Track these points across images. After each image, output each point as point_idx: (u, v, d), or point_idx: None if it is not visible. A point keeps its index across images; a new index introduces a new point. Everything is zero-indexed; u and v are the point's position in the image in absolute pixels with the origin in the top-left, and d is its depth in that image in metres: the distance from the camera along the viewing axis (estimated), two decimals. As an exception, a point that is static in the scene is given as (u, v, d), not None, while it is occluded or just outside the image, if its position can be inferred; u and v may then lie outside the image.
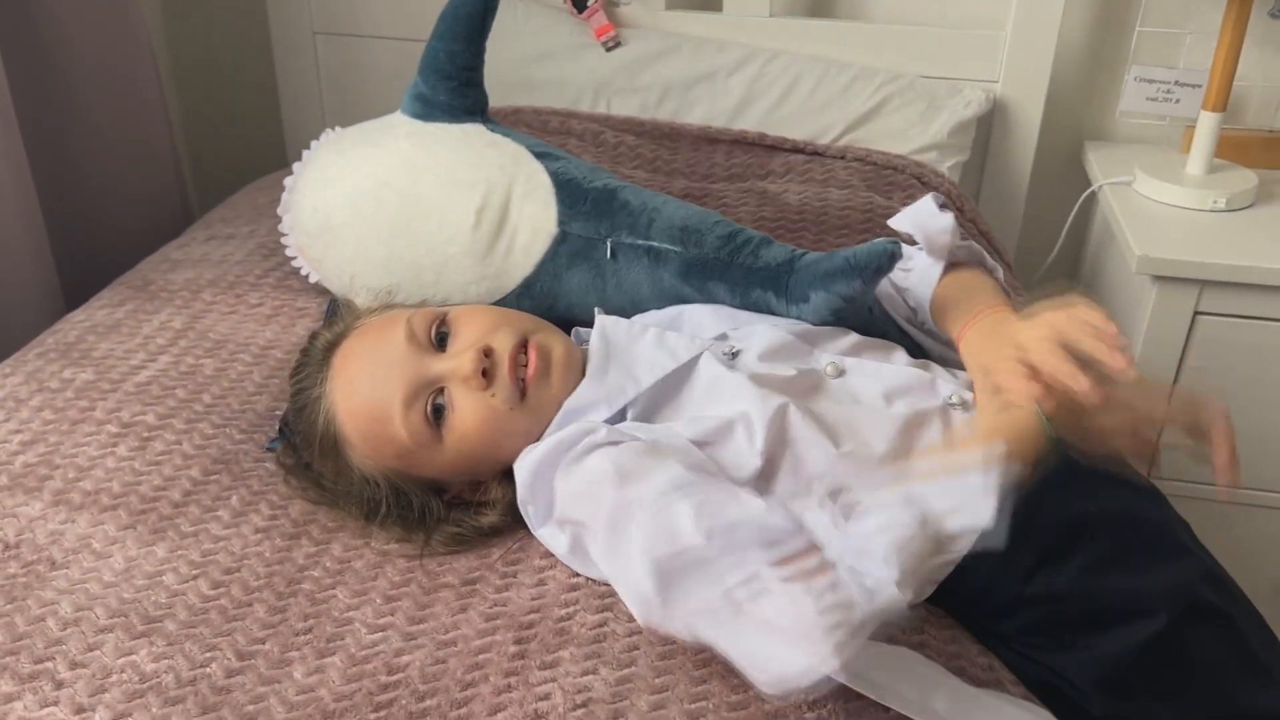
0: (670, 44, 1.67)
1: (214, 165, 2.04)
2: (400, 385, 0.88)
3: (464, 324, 0.93)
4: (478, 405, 0.88)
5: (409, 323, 0.92)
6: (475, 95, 1.15)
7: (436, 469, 0.91)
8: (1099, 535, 0.85)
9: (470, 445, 0.89)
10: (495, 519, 0.91)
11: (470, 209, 1.09)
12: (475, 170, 1.10)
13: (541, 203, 1.08)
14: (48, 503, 0.94)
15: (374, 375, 0.90)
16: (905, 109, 1.61)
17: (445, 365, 0.89)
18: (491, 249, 1.09)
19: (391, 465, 0.90)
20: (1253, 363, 1.42)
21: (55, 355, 1.15)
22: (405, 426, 0.88)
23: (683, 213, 1.07)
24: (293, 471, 0.96)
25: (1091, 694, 0.82)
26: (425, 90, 1.14)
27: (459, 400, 0.88)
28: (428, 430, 0.88)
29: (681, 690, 0.77)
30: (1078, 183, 1.71)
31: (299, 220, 1.18)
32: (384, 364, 0.90)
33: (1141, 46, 1.65)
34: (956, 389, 0.92)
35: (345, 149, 1.17)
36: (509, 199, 1.09)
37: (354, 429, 0.90)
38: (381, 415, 0.89)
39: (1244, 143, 1.64)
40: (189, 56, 1.99)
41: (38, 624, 0.82)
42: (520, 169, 1.10)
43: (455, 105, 1.14)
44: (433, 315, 0.93)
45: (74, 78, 1.48)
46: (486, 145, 1.12)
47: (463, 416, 0.88)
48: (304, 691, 0.77)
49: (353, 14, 1.82)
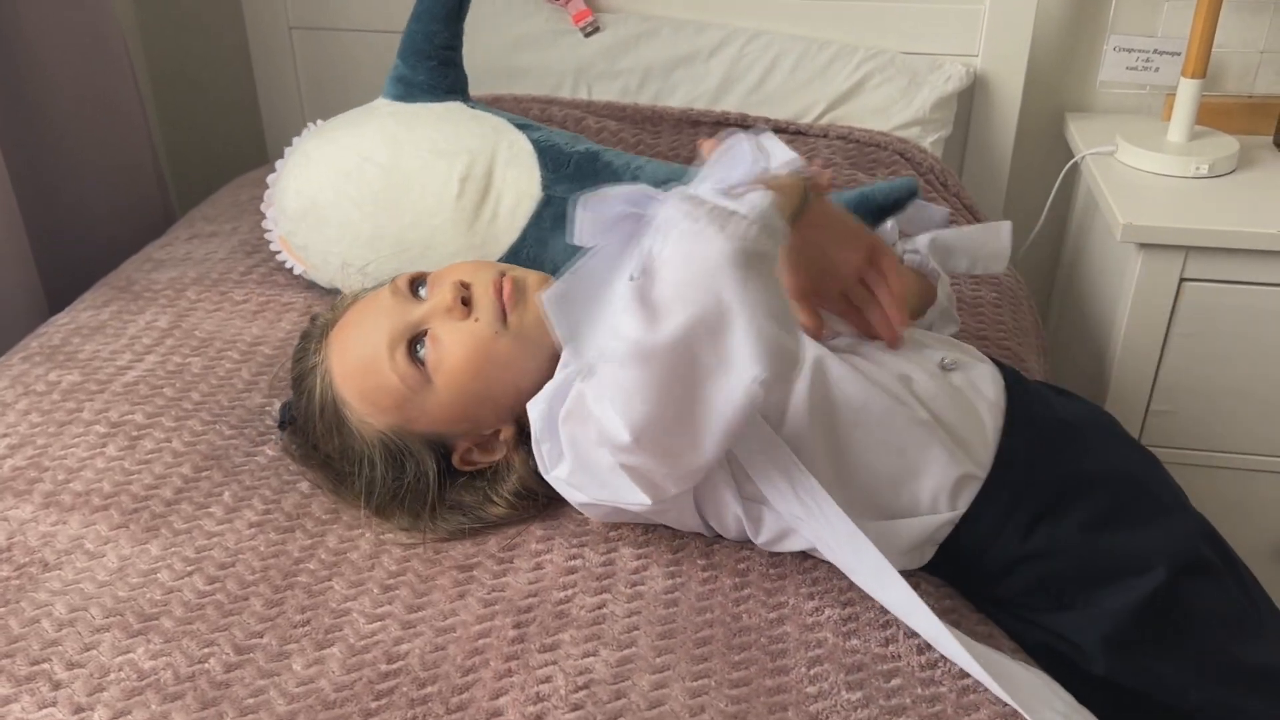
0: (649, 27, 1.66)
1: (193, 166, 2.03)
2: (385, 332, 0.89)
3: (443, 273, 0.95)
4: (461, 333, 0.89)
5: (393, 281, 0.94)
6: (455, 75, 1.16)
7: (436, 418, 0.90)
8: (1096, 492, 0.86)
9: (463, 378, 0.88)
10: (503, 507, 0.90)
11: (454, 177, 1.09)
12: (457, 141, 1.10)
13: (524, 168, 1.09)
14: (38, 505, 0.93)
15: (361, 333, 0.91)
16: (886, 85, 1.61)
17: (426, 306, 0.91)
18: (476, 216, 1.09)
19: (391, 421, 0.90)
20: (1240, 327, 1.43)
21: (40, 358, 1.15)
22: (394, 370, 0.88)
23: (665, 169, 1.08)
24: (296, 455, 0.97)
25: (1094, 652, 0.82)
26: (405, 71, 1.15)
27: (442, 333, 0.89)
28: (416, 372, 0.88)
29: (683, 669, 0.77)
30: (1060, 154, 1.71)
31: (282, 207, 1.18)
32: (370, 320, 0.92)
33: (1120, 16, 1.65)
34: (946, 351, 0.92)
35: (327, 134, 1.17)
36: (492, 166, 1.09)
37: (350, 388, 0.90)
38: (372, 366, 0.89)
39: (1224, 109, 1.65)
40: (164, 56, 1.97)
41: (32, 625, 0.81)
42: (502, 138, 1.11)
43: (435, 85, 1.14)
44: (414, 274, 0.96)
45: (51, 87, 1.47)
46: (468, 119, 1.13)
47: (449, 348, 0.88)
48: (304, 683, 0.76)
49: (329, 8, 1.80)
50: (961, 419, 0.87)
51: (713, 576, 0.86)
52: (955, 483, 0.85)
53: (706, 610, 0.83)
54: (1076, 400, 0.99)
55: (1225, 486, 1.52)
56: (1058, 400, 0.96)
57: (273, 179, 1.20)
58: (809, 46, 1.63)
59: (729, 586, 0.85)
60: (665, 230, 0.73)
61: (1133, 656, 0.83)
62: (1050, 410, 0.92)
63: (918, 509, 0.85)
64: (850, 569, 0.82)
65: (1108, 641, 0.83)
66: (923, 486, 0.85)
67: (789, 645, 0.79)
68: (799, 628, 0.81)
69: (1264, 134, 1.64)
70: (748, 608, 0.83)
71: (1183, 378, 1.47)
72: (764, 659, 0.78)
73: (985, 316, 1.26)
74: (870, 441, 0.85)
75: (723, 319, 0.71)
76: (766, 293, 0.72)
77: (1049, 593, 0.85)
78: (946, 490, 0.85)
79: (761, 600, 0.84)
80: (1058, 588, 0.84)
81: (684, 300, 0.71)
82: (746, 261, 0.71)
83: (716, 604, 0.83)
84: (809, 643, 0.80)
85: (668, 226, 0.73)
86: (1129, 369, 1.48)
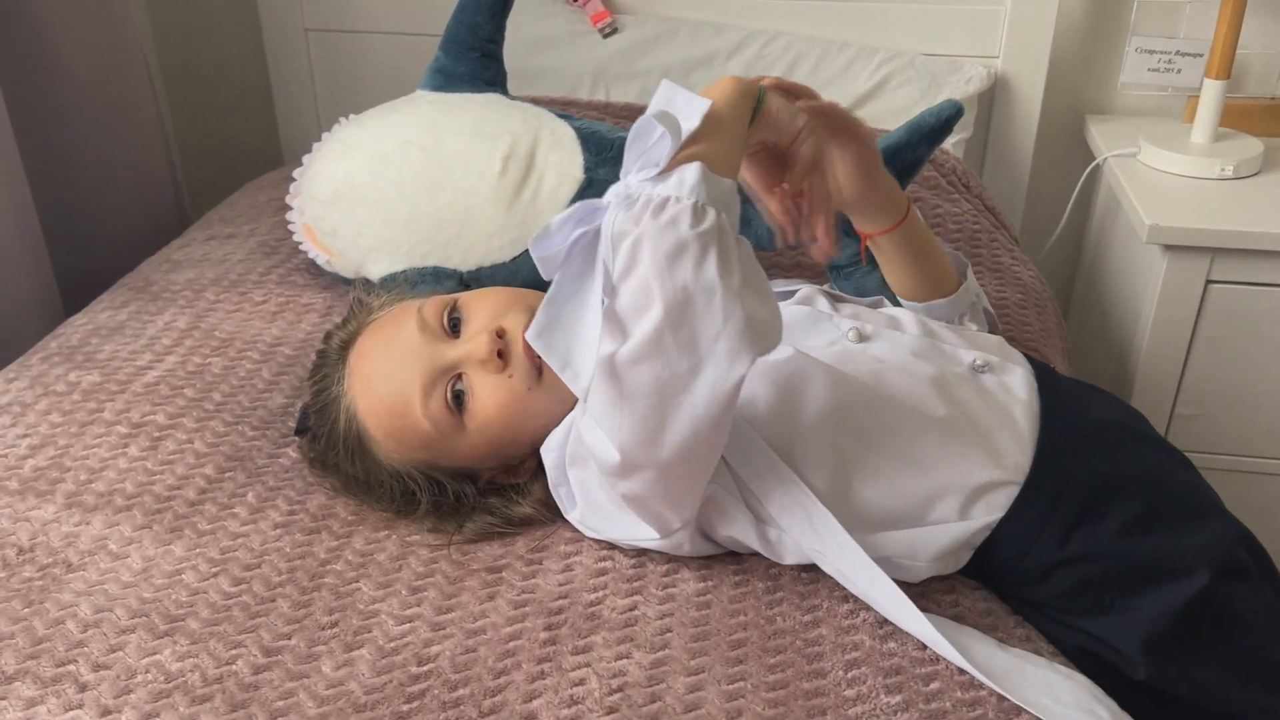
0: (667, 28, 1.66)
1: (208, 167, 2.02)
2: (418, 375, 0.87)
3: (475, 307, 0.91)
4: (496, 387, 0.87)
5: (420, 312, 0.90)
6: (495, 68, 1.17)
7: (463, 457, 0.89)
8: (1134, 496, 0.84)
9: (494, 429, 0.87)
10: (529, 508, 0.89)
11: (496, 156, 1.09)
12: (499, 124, 1.11)
13: (567, 150, 1.09)
14: (60, 505, 0.92)
15: (390, 369, 0.88)
16: (906, 87, 1.60)
17: (460, 350, 0.88)
18: (517, 196, 1.08)
19: (419, 457, 0.88)
20: (1267, 330, 1.41)
21: (59, 359, 1.14)
22: (427, 416, 0.86)
23: None
24: (316, 466, 0.95)
25: (1136, 657, 0.81)
26: (446, 63, 1.16)
27: (477, 384, 0.87)
28: (450, 418, 0.87)
29: (718, 671, 0.76)
30: (1081, 156, 1.70)
31: (313, 193, 1.17)
32: (399, 356, 0.88)
33: (1141, 17, 1.64)
34: (977, 354, 0.91)
35: (365, 123, 1.17)
36: (535, 148, 1.10)
37: (377, 425, 0.89)
38: (402, 408, 0.87)
39: (1247, 110, 1.63)
40: (179, 59, 1.96)
41: (57, 627, 0.80)
42: (544, 124, 1.11)
43: (476, 76, 1.15)
44: (443, 302, 0.92)
45: (67, 88, 1.47)
46: (509, 106, 1.13)
47: (483, 401, 0.87)
48: (334, 685, 0.75)
49: (345, 10, 1.80)
50: (995, 423, 0.86)
51: (745, 580, 0.85)
52: (989, 488, 0.83)
53: (740, 613, 0.81)
54: (1108, 397, 0.98)
55: (1252, 491, 1.50)
56: (1091, 399, 0.95)
57: (299, 172, 1.20)
58: (828, 48, 1.62)
59: (761, 590, 0.84)
60: (612, 239, 0.71)
61: (1174, 661, 0.82)
62: (1084, 411, 0.91)
63: (950, 515, 0.84)
64: (870, 599, 0.81)
65: (1149, 646, 0.81)
66: (954, 493, 0.83)
67: (825, 648, 0.78)
68: (834, 630, 0.80)
69: (1287, 136, 1.63)
70: (781, 610, 0.82)
71: (1208, 381, 1.46)
72: (800, 661, 0.77)
73: (1011, 318, 1.25)
74: (893, 452, 0.84)
75: (685, 312, 0.68)
76: (725, 267, 0.69)
77: (1088, 596, 0.83)
78: (981, 496, 0.83)
79: (795, 603, 0.82)
80: (1097, 592, 0.83)
81: (642, 305, 0.69)
82: (697, 243, 0.69)
83: (749, 606, 0.82)
84: (845, 645, 0.78)
85: (614, 234, 0.71)
86: (1154, 371, 1.47)
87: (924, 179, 1.46)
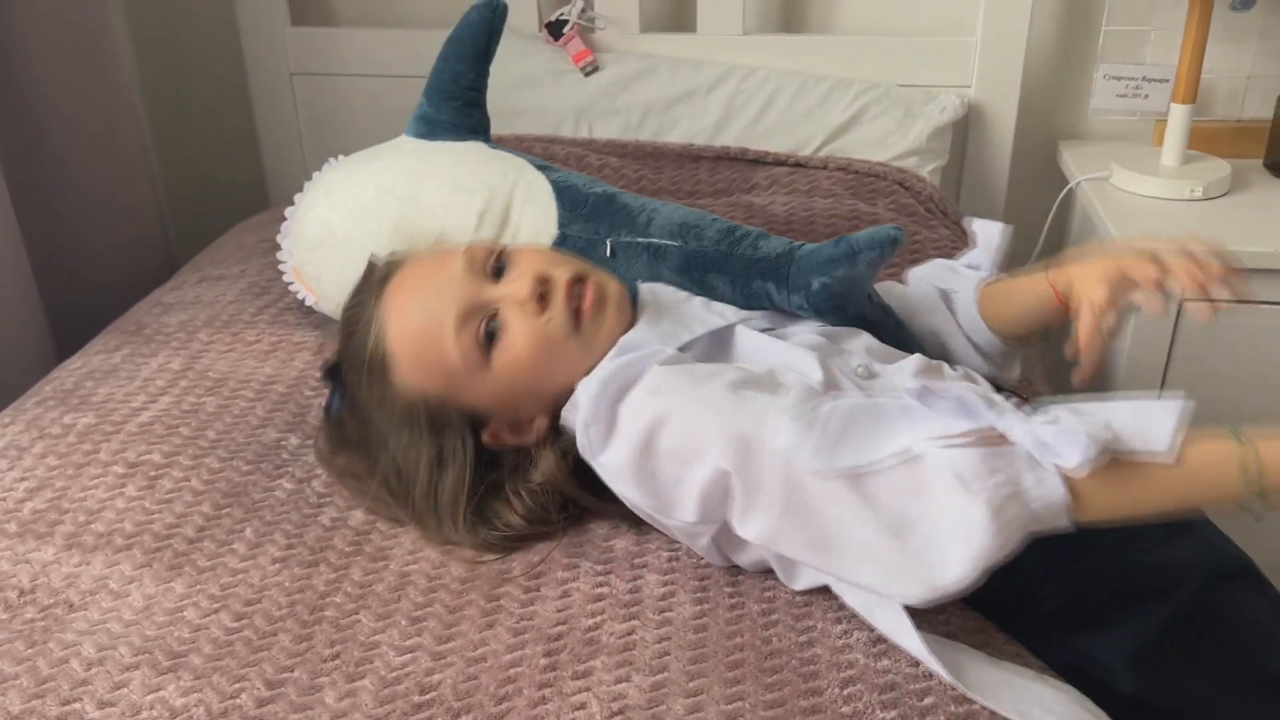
0: (647, 65, 1.69)
1: (195, 209, 2.04)
2: (454, 305, 0.89)
3: (522, 256, 0.94)
4: (531, 328, 0.89)
5: (469, 250, 0.93)
6: (478, 116, 1.18)
7: (481, 397, 0.90)
8: None
9: (519, 370, 0.89)
10: (541, 474, 0.90)
11: (472, 212, 1.11)
12: (477, 177, 1.12)
13: (542, 206, 1.10)
14: (60, 547, 0.93)
15: (428, 296, 0.91)
16: (882, 118, 1.63)
17: (501, 290, 0.91)
18: None
19: (436, 389, 0.90)
20: (1241, 347, 1.44)
21: (54, 402, 1.15)
22: (457, 346, 0.88)
23: (681, 212, 1.08)
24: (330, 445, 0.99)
25: (1123, 672, 0.82)
26: (429, 111, 1.16)
27: (513, 323, 0.89)
28: (478, 353, 0.89)
29: (717, 692, 0.77)
30: (1054, 180, 1.73)
31: (299, 236, 1.19)
32: (440, 286, 0.91)
33: (1109, 45, 1.69)
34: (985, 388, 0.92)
35: (349, 168, 1.18)
36: (510, 203, 1.11)
37: (403, 349, 0.90)
38: (433, 334, 0.89)
39: (1214, 133, 1.68)
40: (165, 103, 1.99)
41: (61, 666, 0.80)
42: (521, 176, 1.12)
43: (459, 124, 1.16)
44: (491, 247, 0.95)
45: (55, 131, 1.49)
46: (488, 158, 1.14)
47: (515, 339, 0.89)
48: (338, 716, 0.76)
49: (329, 54, 1.83)
50: None
51: (740, 603, 0.86)
52: None
53: (736, 635, 0.83)
54: None
55: (1232, 505, 1.53)
56: None
57: (290, 211, 1.21)
58: (805, 81, 1.66)
59: (756, 612, 0.85)
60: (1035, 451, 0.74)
61: (1162, 673, 0.83)
62: None
63: None
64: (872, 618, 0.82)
65: (1137, 659, 0.83)
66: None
67: (820, 667, 0.80)
68: (829, 650, 0.81)
69: (1254, 157, 1.67)
70: (777, 631, 0.83)
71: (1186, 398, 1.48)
72: (797, 680, 0.78)
73: (992, 340, 1.27)
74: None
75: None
76: None
77: (1077, 613, 0.85)
78: None
79: (790, 625, 0.84)
80: (1086, 608, 0.85)
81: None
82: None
83: (745, 628, 0.83)
84: (840, 664, 0.80)
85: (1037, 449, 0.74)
86: (1132, 390, 1.50)
87: (901, 206, 1.50)
